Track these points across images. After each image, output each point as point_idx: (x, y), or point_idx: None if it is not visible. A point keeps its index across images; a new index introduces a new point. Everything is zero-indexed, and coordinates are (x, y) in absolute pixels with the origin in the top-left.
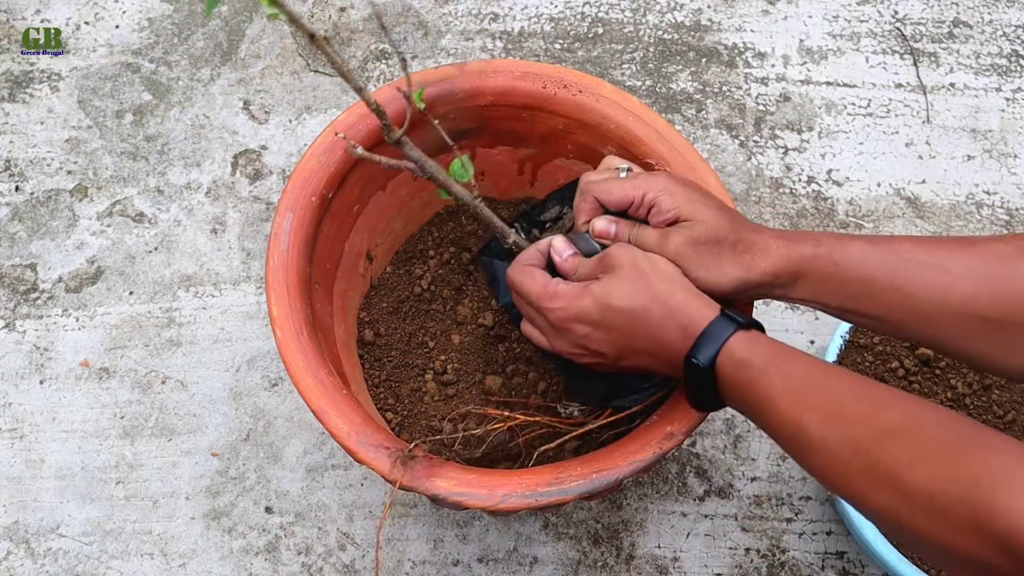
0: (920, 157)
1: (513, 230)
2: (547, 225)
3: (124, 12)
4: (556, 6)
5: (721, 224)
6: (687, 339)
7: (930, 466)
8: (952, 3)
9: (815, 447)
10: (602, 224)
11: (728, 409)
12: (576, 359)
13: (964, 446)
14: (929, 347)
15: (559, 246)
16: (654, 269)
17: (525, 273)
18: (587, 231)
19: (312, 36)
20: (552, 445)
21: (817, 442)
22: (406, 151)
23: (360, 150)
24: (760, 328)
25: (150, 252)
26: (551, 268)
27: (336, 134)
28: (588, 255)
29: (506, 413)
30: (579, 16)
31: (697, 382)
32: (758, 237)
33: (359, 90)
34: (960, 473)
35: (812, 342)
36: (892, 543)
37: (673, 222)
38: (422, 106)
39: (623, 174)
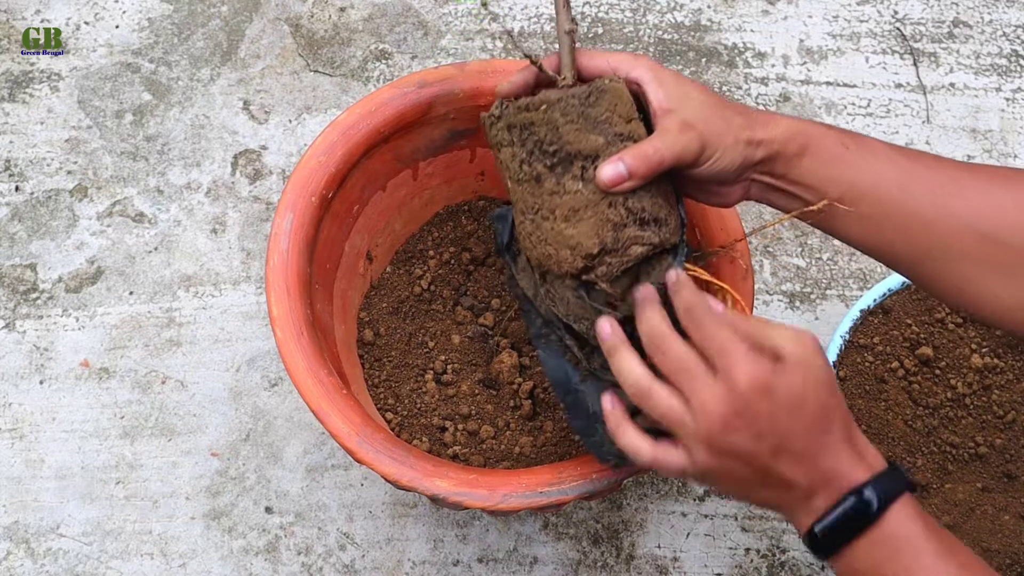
0: None
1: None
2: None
3: (124, 12)
4: None
5: (717, 107)
6: (862, 465)
7: None
8: (952, 3)
9: None
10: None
11: None
12: (715, 475)
13: None
14: (913, 266)
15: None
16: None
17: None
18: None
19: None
20: None
21: None
22: None
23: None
24: (911, 487)
25: (150, 252)
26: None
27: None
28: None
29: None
30: (579, 16)
31: (841, 518)
32: (764, 113)
33: None
34: None
35: None
36: None
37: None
38: None
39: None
